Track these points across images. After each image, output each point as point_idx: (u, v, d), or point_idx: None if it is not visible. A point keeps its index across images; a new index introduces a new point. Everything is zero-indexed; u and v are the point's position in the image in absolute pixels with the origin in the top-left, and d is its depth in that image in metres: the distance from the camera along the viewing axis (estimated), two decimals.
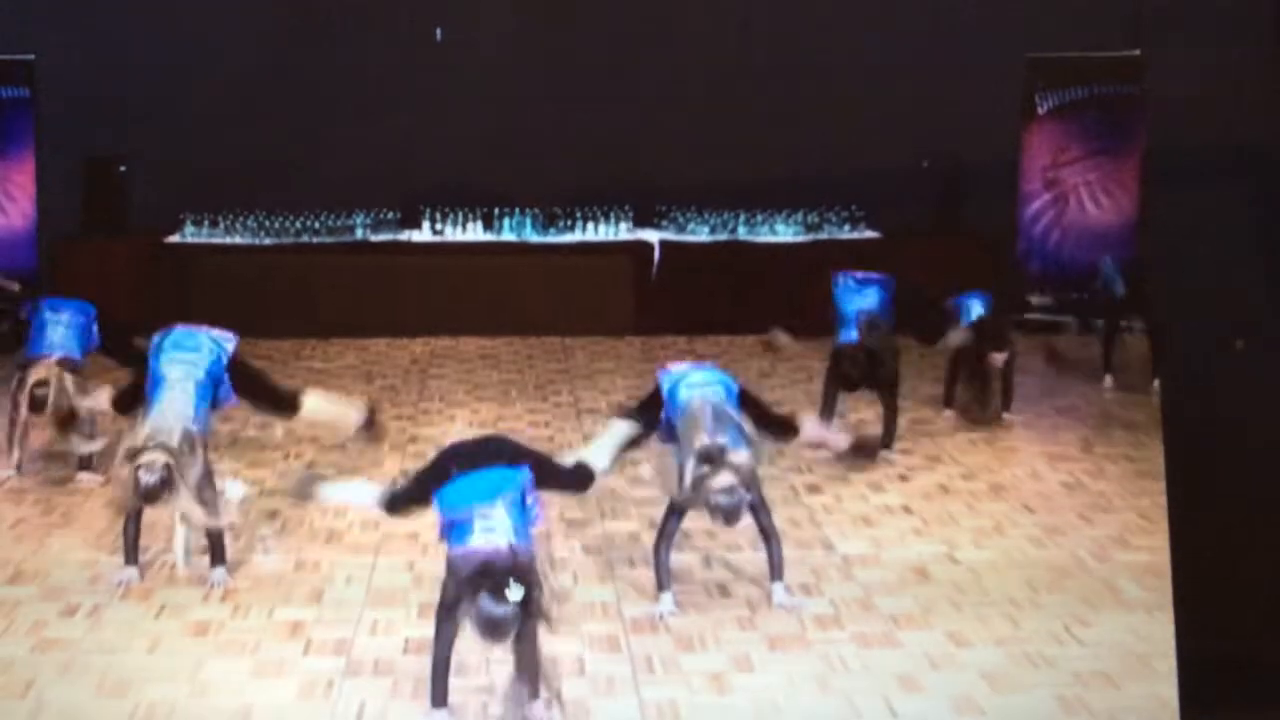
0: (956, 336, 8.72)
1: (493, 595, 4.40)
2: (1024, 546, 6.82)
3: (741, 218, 12.61)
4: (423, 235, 12.54)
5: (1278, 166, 2.69)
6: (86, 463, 7.57)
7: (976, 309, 8.77)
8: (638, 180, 12.50)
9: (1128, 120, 12.15)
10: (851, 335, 8.17)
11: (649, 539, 6.82)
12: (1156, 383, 9.92)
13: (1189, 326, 2.82)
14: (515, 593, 4.93)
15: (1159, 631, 5.72)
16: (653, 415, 6.11)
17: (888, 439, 8.26)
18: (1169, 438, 2.81)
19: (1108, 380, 10.09)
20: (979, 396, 8.79)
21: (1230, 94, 2.69)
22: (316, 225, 12.37)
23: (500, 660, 5.36)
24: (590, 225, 12.59)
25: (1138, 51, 12.08)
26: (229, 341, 6.43)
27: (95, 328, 7.71)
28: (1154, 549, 6.75)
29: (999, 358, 8.74)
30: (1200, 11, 2.73)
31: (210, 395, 6.23)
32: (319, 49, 12.43)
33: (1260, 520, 2.75)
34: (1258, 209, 2.71)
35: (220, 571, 6.18)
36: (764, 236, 12.55)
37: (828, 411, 8.10)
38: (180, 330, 6.38)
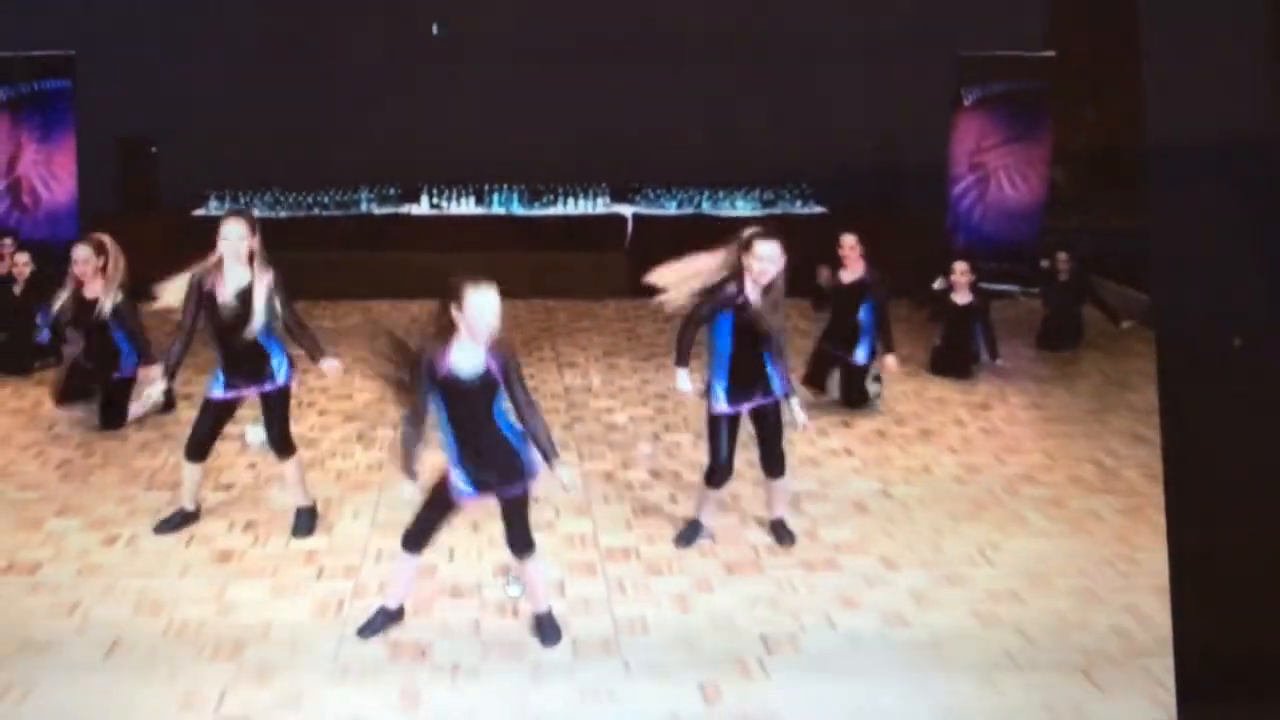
0: None
1: None
2: (947, 483, 6.91)
3: (706, 194, 12.64)
4: (421, 209, 12.51)
5: (1276, 165, 2.52)
6: None
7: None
8: (614, 160, 12.48)
9: (1039, 112, 12.25)
10: None
11: (622, 477, 6.91)
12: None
13: (1187, 325, 2.60)
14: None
15: (1058, 554, 5.84)
16: None
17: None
18: (1167, 435, 2.62)
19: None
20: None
21: (1230, 93, 2.53)
22: (326, 200, 12.33)
23: (490, 585, 5.46)
24: (571, 200, 12.58)
25: (1050, 52, 12.18)
26: None
27: None
28: (1055, 484, 6.86)
29: None
30: (1200, 11, 2.55)
31: None
32: (330, 44, 12.35)
33: (1257, 517, 2.58)
34: (1256, 207, 2.53)
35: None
36: (726, 211, 12.56)
37: None
38: None
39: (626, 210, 12.51)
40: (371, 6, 12.59)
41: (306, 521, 6.09)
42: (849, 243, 8.32)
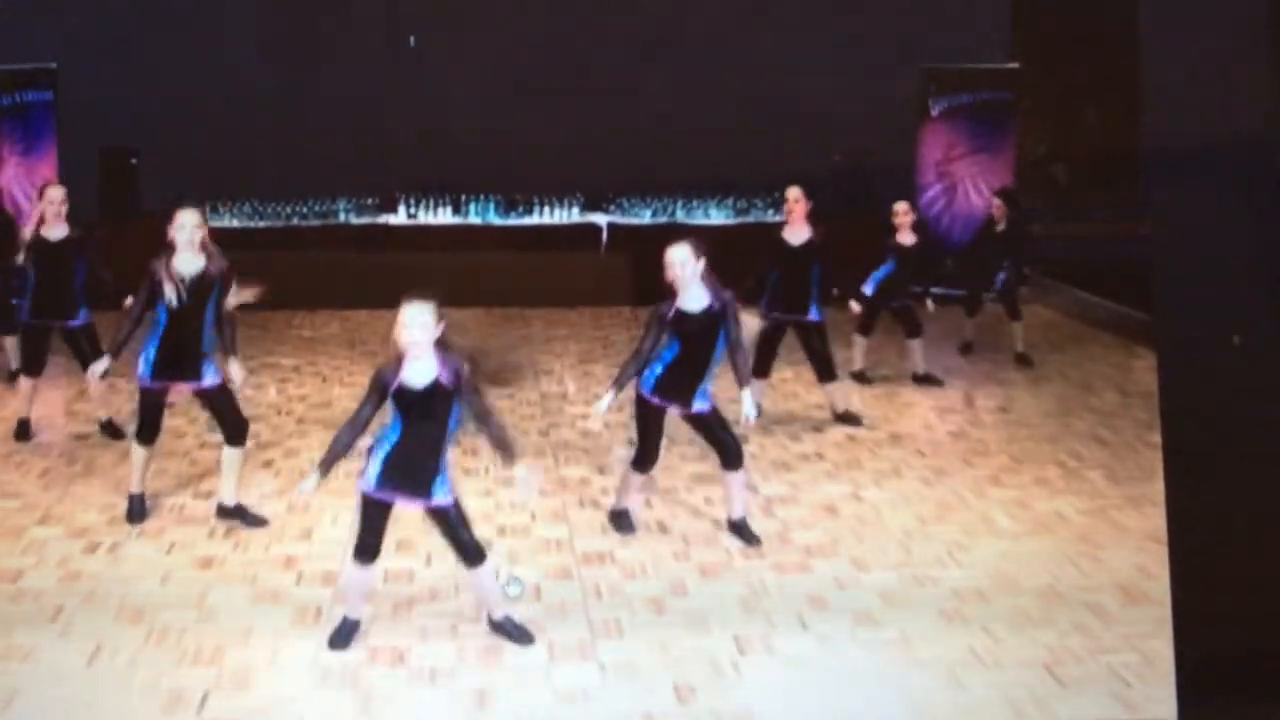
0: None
1: None
2: (916, 486, 6.93)
3: (679, 202, 12.67)
4: (399, 219, 12.50)
5: (1275, 164, 2.49)
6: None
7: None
8: (588, 170, 12.51)
9: (1003, 122, 12.38)
10: None
11: (598, 483, 6.92)
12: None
13: (1187, 322, 2.56)
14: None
15: (1024, 555, 5.89)
16: None
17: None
18: (1167, 434, 2.56)
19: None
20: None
21: (1229, 93, 2.50)
22: (305, 210, 12.30)
23: (467, 589, 5.45)
24: (546, 209, 12.60)
25: (1014, 64, 12.31)
26: None
27: None
28: (1021, 486, 6.91)
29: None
30: (1199, 10, 2.53)
31: None
32: (309, 55, 12.35)
33: (1258, 516, 2.54)
34: (1255, 206, 2.49)
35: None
36: (699, 219, 12.60)
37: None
38: None
39: (601, 219, 12.52)
40: (349, 19, 12.59)
41: (245, 516, 6.18)
42: (794, 196, 7.82)
